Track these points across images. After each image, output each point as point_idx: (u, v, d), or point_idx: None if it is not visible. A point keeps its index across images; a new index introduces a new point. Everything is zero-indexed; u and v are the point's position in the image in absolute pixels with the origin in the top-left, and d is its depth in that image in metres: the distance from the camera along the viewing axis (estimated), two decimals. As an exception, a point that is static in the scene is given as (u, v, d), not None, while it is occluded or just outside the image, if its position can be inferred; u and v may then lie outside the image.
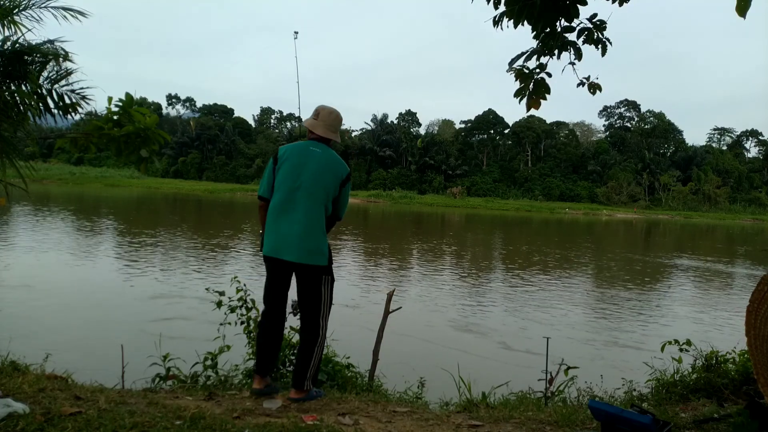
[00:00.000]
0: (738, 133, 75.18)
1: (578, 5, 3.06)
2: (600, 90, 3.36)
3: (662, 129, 71.21)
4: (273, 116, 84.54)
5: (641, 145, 68.63)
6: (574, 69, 3.26)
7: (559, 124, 72.53)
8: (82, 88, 3.76)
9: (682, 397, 3.58)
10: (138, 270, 11.60)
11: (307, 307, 3.07)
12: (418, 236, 25.43)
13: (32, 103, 3.50)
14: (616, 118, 74.92)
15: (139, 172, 56.61)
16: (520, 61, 3.34)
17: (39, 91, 3.58)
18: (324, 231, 3.07)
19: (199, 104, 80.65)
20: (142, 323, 7.47)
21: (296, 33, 3.74)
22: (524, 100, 3.43)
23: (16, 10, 3.45)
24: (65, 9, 3.56)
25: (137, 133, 3.75)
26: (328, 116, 3.16)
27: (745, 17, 2.32)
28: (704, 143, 73.92)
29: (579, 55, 3.20)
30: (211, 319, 3.58)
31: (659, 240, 32.48)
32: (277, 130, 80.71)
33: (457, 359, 5.10)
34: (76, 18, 3.58)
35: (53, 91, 3.67)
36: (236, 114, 79.31)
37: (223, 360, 3.54)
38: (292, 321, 3.83)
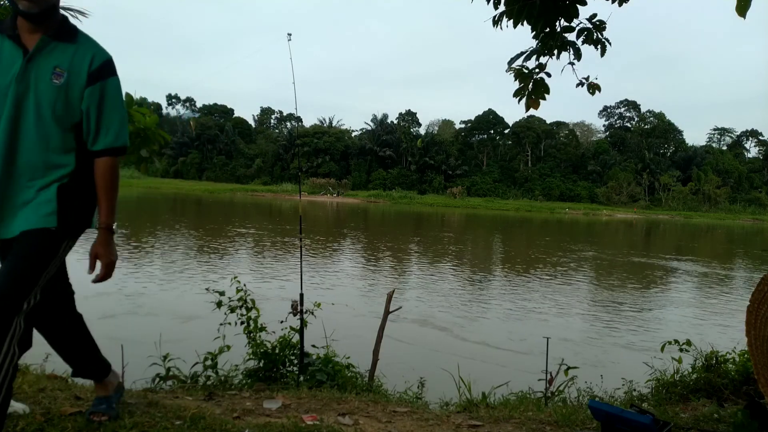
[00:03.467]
0: (738, 133, 75.12)
1: (578, 5, 3.07)
2: (599, 90, 3.37)
3: (662, 129, 71.14)
4: (273, 116, 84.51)
5: (641, 145, 68.56)
6: (573, 69, 3.26)
7: (559, 124, 72.46)
8: (82, 88, 3.76)
9: (682, 397, 3.58)
10: (137, 269, 11.60)
11: None
12: (418, 236, 25.43)
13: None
14: (616, 118, 74.87)
15: (139, 172, 56.48)
16: (519, 61, 3.34)
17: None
18: None
19: (199, 104, 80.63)
20: (142, 323, 7.48)
21: (290, 35, 3.72)
22: (523, 100, 3.43)
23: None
24: (65, 8, 3.57)
25: (137, 133, 3.76)
26: None
27: (745, 17, 2.33)
28: (704, 143, 73.85)
29: (578, 55, 3.21)
30: (211, 319, 3.58)
31: (659, 240, 32.49)
32: (277, 130, 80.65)
33: (456, 359, 5.11)
34: (76, 17, 3.59)
35: (53, 91, 3.66)
36: (236, 114, 79.31)
37: (223, 360, 3.54)
38: (292, 321, 3.84)
